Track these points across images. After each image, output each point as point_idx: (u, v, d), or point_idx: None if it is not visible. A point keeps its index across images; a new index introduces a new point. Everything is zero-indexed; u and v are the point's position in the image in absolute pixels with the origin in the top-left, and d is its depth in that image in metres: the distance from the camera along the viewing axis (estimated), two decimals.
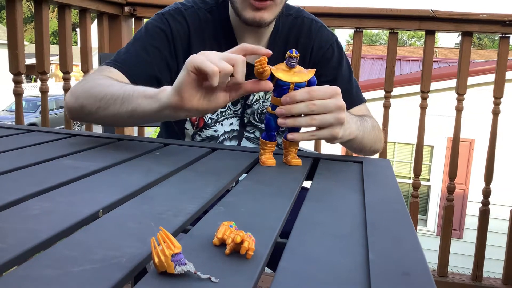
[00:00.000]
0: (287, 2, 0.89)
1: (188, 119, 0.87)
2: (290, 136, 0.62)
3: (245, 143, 0.90)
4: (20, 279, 0.28)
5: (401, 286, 0.31)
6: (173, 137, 0.92)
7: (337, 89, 0.61)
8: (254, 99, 0.88)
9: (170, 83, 0.82)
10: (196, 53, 0.82)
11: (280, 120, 0.60)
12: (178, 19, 0.83)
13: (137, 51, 0.81)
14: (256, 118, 0.89)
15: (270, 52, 0.58)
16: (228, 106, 0.88)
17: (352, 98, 0.88)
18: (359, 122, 0.73)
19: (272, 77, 0.61)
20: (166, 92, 0.61)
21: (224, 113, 0.88)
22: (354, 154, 0.89)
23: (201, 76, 0.56)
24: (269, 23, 0.80)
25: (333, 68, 0.88)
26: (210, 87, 0.56)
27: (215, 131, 0.88)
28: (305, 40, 0.87)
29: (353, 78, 0.92)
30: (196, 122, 0.87)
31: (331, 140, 0.64)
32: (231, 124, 0.88)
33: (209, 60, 0.55)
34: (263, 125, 0.89)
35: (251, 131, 0.90)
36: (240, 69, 0.56)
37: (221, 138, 0.88)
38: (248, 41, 0.86)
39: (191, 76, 0.56)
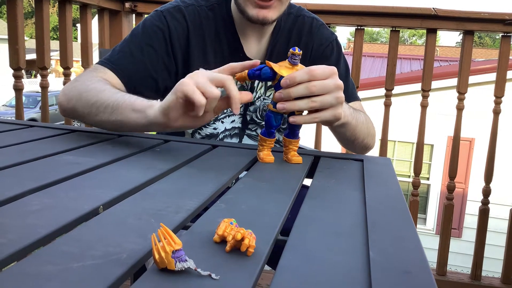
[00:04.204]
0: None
1: None
2: (292, 119, 0.60)
3: (246, 141, 0.90)
4: (19, 274, 0.28)
5: (401, 284, 0.31)
6: (172, 133, 0.92)
7: (334, 69, 0.60)
8: (256, 96, 0.88)
9: (168, 82, 0.83)
10: (195, 51, 0.82)
11: (279, 105, 0.58)
12: (177, 17, 0.82)
13: (132, 50, 0.81)
14: (258, 116, 0.89)
15: (258, 61, 0.59)
16: None
17: (348, 94, 0.88)
18: (352, 109, 0.73)
19: (274, 74, 0.60)
20: (153, 110, 0.62)
21: (225, 111, 0.87)
22: (344, 150, 0.89)
23: (189, 102, 0.57)
24: (273, 22, 0.80)
25: (331, 65, 0.88)
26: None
27: (215, 128, 0.87)
28: (307, 38, 0.88)
29: (350, 78, 0.93)
30: None
31: (333, 121, 0.63)
32: (233, 121, 0.88)
33: (199, 85, 0.56)
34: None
35: (253, 129, 0.90)
36: (232, 87, 0.57)
37: (221, 136, 0.88)
38: (251, 38, 0.85)
39: (178, 101, 0.58)
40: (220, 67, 0.61)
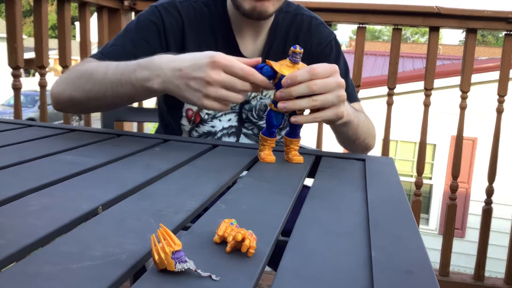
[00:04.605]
0: None
1: (184, 115, 0.87)
2: (293, 119, 0.60)
3: (243, 140, 0.90)
4: (19, 275, 0.28)
5: (403, 284, 0.30)
6: (170, 132, 0.92)
7: (335, 67, 0.60)
8: (252, 95, 0.87)
9: None
10: (191, 46, 0.83)
11: (280, 105, 0.58)
12: (172, 11, 0.82)
13: (124, 43, 0.81)
14: (254, 115, 0.88)
15: (259, 59, 0.61)
16: None
17: (347, 95, 0.88)
18: (353, 109, 0.73)
19: (275, 73, 0.60)
20: (157, 84, 0.65)
21: None
22: (345, 150, 0.89)
23: None
24: (269, 15, 0.79)
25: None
26: None
27: (212, 126, 0.87)
28: (305, 36, 0.87)
29: (350, 78, 0.92)
30: (192, 118, 0.86)
31: (334, 120, 0.63)
32: (229, 120, 0.88)
33: (217, 98, 0.60)
34: (261, 122, 0.89)
35: (249, 128, 0.89)
36: (257, 79, 0.60)
37: (219, 134, 0.88)
38: (247, 35, 0.85)
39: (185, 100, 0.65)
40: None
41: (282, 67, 0.59)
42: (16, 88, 1.44)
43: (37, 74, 1.54)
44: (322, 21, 0.90)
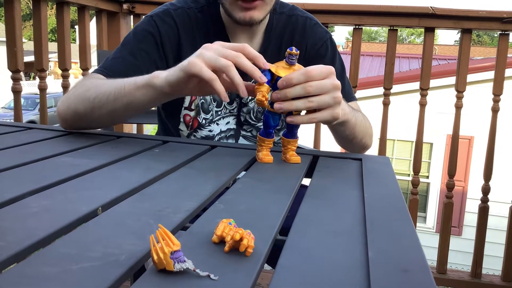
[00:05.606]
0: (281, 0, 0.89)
1: (181, 120, 0.87)
2: (289, 119, 0.60)
3: (241, 142, 0.90)
4: (19, 277, 0.28)
5: (400, 283, 0.31)
6: (170, 136, 0.92)
7: (331, 69, 0.60)
8: (250, 97, 0.87)
9: None
10: (187, 53, 0.82)
11: (276, 105, 0.58)
12: (167, 20, 0.83)
13: (125, 56, 0.81)
14: (253, 117, 0.89)
15: (267, 66, 0.59)
16: (224, 105, 0.87)
17: (344, 94, 0.88)
18: (351, 108, 0.73)
19: (272, 75, 0.60)
20: (160, 80, 0.64)
21: (219, 113, 0.87)
22: (342, 150, 0.89)
23: (198, 78, 0.60)
24: (260, 22, 0.80)
25: (326, 64, 0.88)
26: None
27: (210, 131, 0.87)
28: (300, 37, 0.87)
29: (346, 77, 0.92)
30: (190, 123, 0.87)
31: (331, 121, 0.63)
32: (228, 123, 0.88)
33: (207, 61, 0.58)
34: (259, 124, 0.89)
35: (248, 130, 0.90)
36: (236, 69, 0.58)
37: (216, 138, 0.88)
38: (241, 38, 0.85)
39: (185, 78, 0.61)
40: (234, 44, 0.61)
41: (278, 68, 0.60)
42: (16, 91, 1.43)
43: (37, 77, 1.54)
44: (317, 21, 0.90)
